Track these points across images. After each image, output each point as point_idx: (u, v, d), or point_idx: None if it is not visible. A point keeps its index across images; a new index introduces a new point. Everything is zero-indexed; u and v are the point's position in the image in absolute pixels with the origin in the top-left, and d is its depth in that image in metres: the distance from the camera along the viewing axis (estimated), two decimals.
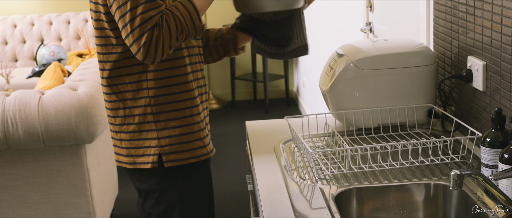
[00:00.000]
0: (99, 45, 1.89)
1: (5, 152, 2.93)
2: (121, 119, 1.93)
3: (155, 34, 1.75)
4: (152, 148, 1.91)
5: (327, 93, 2.05)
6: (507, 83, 1.68)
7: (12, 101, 2.80)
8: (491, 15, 1.73)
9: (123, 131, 1.93)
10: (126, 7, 1.75)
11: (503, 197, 1.42)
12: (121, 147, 1.96)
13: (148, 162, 1.92)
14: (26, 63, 6.06)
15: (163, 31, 1.76)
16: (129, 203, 4.02)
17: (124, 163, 1.97)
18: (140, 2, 1.74)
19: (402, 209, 1.69)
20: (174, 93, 1.90)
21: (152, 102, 1.89)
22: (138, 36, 1.74)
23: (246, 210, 3.75)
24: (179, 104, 1.90)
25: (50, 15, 6.14)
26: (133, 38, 1.75)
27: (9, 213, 3.01)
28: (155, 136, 1.90)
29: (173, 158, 1.91)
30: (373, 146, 1.73)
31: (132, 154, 1.94)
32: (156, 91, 1.88)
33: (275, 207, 1.56)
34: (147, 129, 1.90)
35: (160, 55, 1.77)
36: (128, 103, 1.91)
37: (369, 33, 3.28)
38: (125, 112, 1.92)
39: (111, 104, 1.94)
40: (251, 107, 6.20)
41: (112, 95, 1.92)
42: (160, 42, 1.76)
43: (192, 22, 1.81)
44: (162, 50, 1.76)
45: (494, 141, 1.55)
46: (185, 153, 1.92)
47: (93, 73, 3.17)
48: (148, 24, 1.74)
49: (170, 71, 1.89)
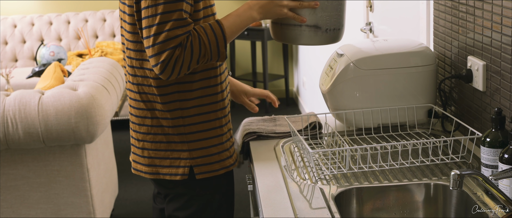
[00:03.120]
0: (134, 50, 1.85)
1: (5, 152, 2.93)
2: (147, 128, 1.89)
3: (176, 54, 1.72)
4: (182, 159, 1.88)
5: (327, 93, 2.05)
6: (507, 83, 1.68)
7: (12, 101, 2.80)
8: (491, 15, 1.73)
9: (147, 140, 1.90)
10: (155, 19, 1.72)
11: (503, 197, 1.42)
12: (141, 156, 1.93)
13: (177, 174, 1.88)
14: (26, 63, 6.06)
15: (185, 52, 1.73)
16: (129, 203, 4.02)
17: (143, 172, 1.93)
18: (171, 18, 1.71)
19: (402, 209, 1.69)
20: (205, 105, 1.87)
21: (184, 114, 1.86)
22: (159, 52, 1.72)
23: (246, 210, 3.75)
24: (210, 115, 1.88)
25: (50, 15, 6.14)
26: (153, 52, 1.73)
27: (9, 213, 3.01)
28: (186, 148, 1.87)
29: (205, 170, 1.89)
30: (373, 146, 1.72)
31: (156, 164, 1.90)
32: (189, 103, 1.85)
33: (275, 207, 1.56)
34: (176, 141, 1.87)
35: (177, 74, 1.75)
36: (157, 113, 1.87)
37: (369, 33, 3.28)
38: (153, 122, 1.88)
39: (138, 112, 1.90)
40: None
41: (140, 103, 1.89)
42: (180, 62, 1.73)
43: (217, 48, 1.78)
44: (179, 70, 1.74)
45: (494, 141, 1.55)
46: (215, 164, 1.90)
47: (93, 73, 3.17)
48: (171, 42, 1.72)
49: (202, 83, 1.86)
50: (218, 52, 1.78)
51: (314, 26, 1.86)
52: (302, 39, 1.88)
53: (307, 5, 1.83)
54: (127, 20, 1.84)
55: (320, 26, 1.86)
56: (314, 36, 1.88)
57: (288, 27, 1.88)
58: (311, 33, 1.87)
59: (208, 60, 1.79)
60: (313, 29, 1.86)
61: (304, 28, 1.86)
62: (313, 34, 1.87)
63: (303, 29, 1.87)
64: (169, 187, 1.93)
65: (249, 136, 2.05)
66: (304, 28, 1.86)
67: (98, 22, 6.11)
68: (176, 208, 1.95)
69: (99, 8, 6.27)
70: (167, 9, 1.71)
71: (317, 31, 1.87)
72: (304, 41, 1.88)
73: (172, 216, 1.97)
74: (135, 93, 1.89)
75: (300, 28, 1.87)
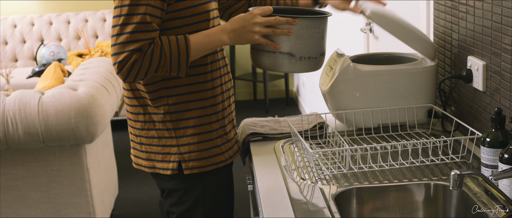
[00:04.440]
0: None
1: (5, 152, 2.93)
2: (141, 123, 1.93)
3: (134, 58, 1.74)
4: (172, 155, 1.91)
5: (327, 93, 2.05)
6: (507, 83, 1.68)
7: (12, 101, 2.80)
8: (491, 15, 1.73)
9: (143, 136, 1.93)
10: (119, 19, 1.75)
11: (503, 197, 1.42)
12: (140, 151, 1.96)
13: (168, 169, 1.92)
14: (26, 63, 6.06)
15: (143, 58, 1.75)
16: (129, 203, 4.02)
17: (143, 166, 1.97)
18: (133, 20, 1.73)
19: (402, 209, 1.69)
20: (193, 101, 1.89)
21: (171, 109, 1.88)
22: (118, 52, 1.75)
23: (246, 210, 3.75)
24: (198, 112, 1.90)
25: (50, 15, 6.14)
26: (113, 51, 1.76)
27: (9, 213, 3.01)
28: (175, 143, 1.90)
29: (192, 166, 1.91)
30: (373, 146, 1.72)
31: (152, 159, 1.94)
32: (176, 99, 1.87)
33: (275, 207, 1.56)
34: (166, 136, 1.90)
35: (133, 78, 1.77)
36: (149, 109, 1.90)
37: (369, 33, 3.28)
38: (145, 118, 1.91)
39: (132, 108, 1.94)
40: (251, 107, 6.20)
41: (134, 100, 1.92)
42: (137, 67, 1.75)
43: (177, 63, 1.78)
44: (135, 75, 1.77)
45: (494, 141, 1.55)
46: (204, 160, 1.92)
47: (93, 73, 3.17)
48: (130, 45, 1.74)
49: (189, 79, 1.88)
50: (178, 67, 1.79)
51: (288, 54, 1.83)
52: (276, 66, 1.86)
53: (280, 33, 1.80)
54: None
55: (294, 53, 1.84)
56: (288, 63, 1.84)
57: (263, 52, 1.86)
58: (284, 60, 1.84)
59: (167, 71, 1.80)
60: (287, 56, 1.83)
61: (277, 54, 1.84)
62: (287, 62, 1.84)
63: (276, 56, 1.84)
64: (165, 181, 1.96)
65: (254, 137, 2.06)
66: (278, 54, 1.83)
67: (98, 22, 6.11)
68: (171, 203, 1.98)
69: (99, 8, 6.27)
70: (131, 11, 1.73)
71: (291, 59, 1.84)
72: (278, 68, 1.86)
73: (169, 211, 2.00)
74: (128, 91, 1.93)
75: (274, 55, 1.84)
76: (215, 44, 1.83)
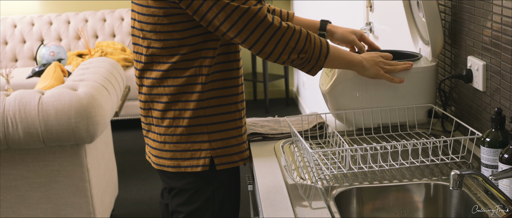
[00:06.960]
0: (158, 48, 1.85)
1: (5, 152, 2.93)
2: (169, 121, 1.90)
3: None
4: (203, 151, 1.90)
5: (327, 93, 2.05)
6: (507, 83, 1.68)
7: (12, 101, 2.80)
8: (491, 15, 1.73)
9: (169, 134, 1.91)
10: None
11: (503, 197, 1.42)
12: (163, 150, 1.93)
13: (198, 165, 1.90)
14: (26, 63, 6.06)
15: (293, 34, 1.80)
16: (129, 203, 4.02)
17: (166, 166, 1.94)
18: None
19: (402, 209, 1.69)
20: (226, 96, 1.90)
21: (204, 104, 1.87)
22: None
23: (246, 210, 3.75)
24: (230, 107, 1.91)
25: (50, 15, 6.14)
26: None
27: (9, 213, 3.01)
28: (206, 139, 1.90)
29: (224, 161, 1.91)
30: (373, 146, 1.73)
31: (177, 157, 1.92)
32: (209, 94, 1.87)
33: (275, 207, 1.56)
34: (198, 132, 1.89)
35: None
36: (180, 105, 1.88)
37: (369, 33, 3.28)
38: (175, 114, 1.89)
39: (161, 105, 1.90)
40: (251, 107, 6.20)
41: (163, 96, 1.89)
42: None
43: (319, 53, 1.84)
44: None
45: (494, 141, 1.55)
46: (235, 155, 1.93)
47: (93, 73, 3.17)
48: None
49: (223, 74, 1.88)
50: (318, 59, 1.84)
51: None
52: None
53: (401, 68, 1.95)
54: (150, 21, 1.82)
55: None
56: None
57: None
58: None
59: (307, 59, 1.83)
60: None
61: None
62: None
63: None
64: (175, 180, 1.95)
65: (254, 137, 2.06)
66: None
67: (98, 22, 6.12)
68: (179, 203, 1.97)
69: (99, 8, 6.27)
70: None
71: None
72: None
73: (175, 211, 1.99)
74: (158, 87, 1.89)
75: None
76: (350, 59, 1.91)
